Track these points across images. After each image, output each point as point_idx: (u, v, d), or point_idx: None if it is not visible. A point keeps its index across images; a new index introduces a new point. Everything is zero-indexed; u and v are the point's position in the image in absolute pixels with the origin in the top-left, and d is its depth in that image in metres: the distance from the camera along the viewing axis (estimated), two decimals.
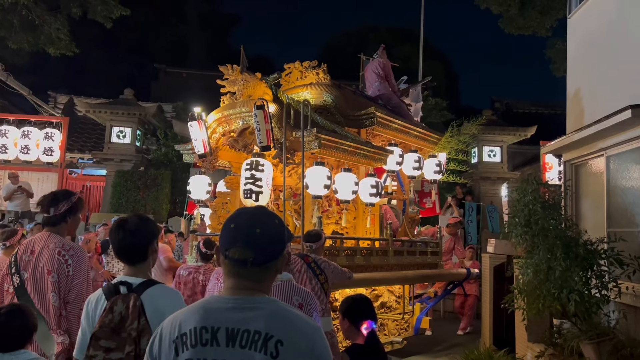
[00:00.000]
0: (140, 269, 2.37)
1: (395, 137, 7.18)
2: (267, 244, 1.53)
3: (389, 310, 6.88)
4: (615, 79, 5.98)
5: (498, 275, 7.05)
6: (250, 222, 1.56)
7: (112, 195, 12.93)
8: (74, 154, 15.29)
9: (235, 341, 1.44)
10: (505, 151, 14.23)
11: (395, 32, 26.08)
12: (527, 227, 5.04)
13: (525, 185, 5.26)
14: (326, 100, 6.68)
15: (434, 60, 21.92)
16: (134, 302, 2.21)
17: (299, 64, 7.09)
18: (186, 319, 1.51)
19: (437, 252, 7.59)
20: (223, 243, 1.56)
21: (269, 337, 1.43)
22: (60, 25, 14.97)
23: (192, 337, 1.47)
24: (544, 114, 19.01)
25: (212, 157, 6.47)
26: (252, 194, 5.66)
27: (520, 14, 15.14)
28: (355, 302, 3.28)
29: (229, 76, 6.27)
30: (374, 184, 6.22)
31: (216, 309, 1.50)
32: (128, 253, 2.37)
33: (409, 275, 6.77)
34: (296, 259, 4.61)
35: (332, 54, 25.90)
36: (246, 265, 1.50)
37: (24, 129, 11.97)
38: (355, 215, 6.70)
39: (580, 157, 6.51)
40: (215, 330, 1.46)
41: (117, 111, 13.72)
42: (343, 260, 5.77)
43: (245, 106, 5.99)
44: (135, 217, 2.44)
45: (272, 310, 1.50)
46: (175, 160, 14.50)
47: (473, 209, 11.96)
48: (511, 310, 5.35)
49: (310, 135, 5.59)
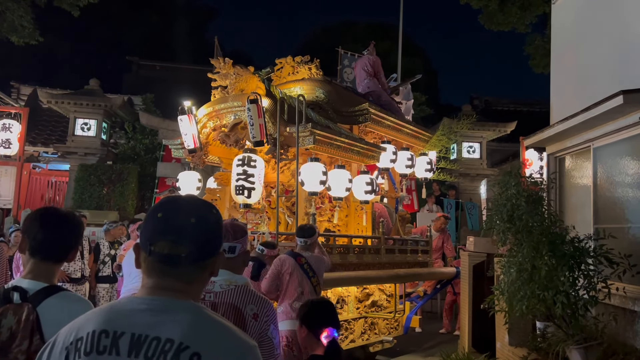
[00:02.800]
0: (49, 270, 1.90)
1: (387, 134, 7.17)
2: (204, 237, 1.27)
3: (380, 309, 6.83)
4: (604, 67, 5.66)
5: (478, 274, 6.76)
6: (184, 211, 1.27)
7: (74, 191, 12.29)
8: (38, 148, 14.59)
9: (140, 350, 1.15)
10: (484, 147, 13.99)
11: (375, 27, 25.72)
12: (509, 223, 4.70)
13: (508, 179, 4.91)
14: (318, 95, 6.66)
15: (413, 56, 21.65)
16: (27, 315, 1.72)
17: (291, 59, 7.03)
18: (87, 321, 1.22)
19: (427, 251, 7.63)
20: (147, 236, 1.26)
21: (183, 347, 1.14)
22: (24, 12, 14.25)
23: (88, 343, 1.18)
24: (522, 111, 18.87)
25: (202, 152, 6.35)
26: (244, 190, 5.51)
27: (500, 10, 14.93)
28: (315, 306, 2.83)
29: (220, 69, 6.10)
30: (368, 181, 6.17)
31: (125, 310, 1.22)
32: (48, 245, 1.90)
33: (400, 274, 6.75)
34: (287, 259, 4.44)
35: (310, 49, 25.47)
36: (177, 262, 1.23)
37: None
38: (347, 212, 6.64)
39: (565, 149, 6.19)
40: (117, 335, 1.17)
41: (81, 102, 13.08)
42: (336, 257, 5.74)
43: (238, 100, 5.84)
44: (61, 209, 2.02)
45: (197, 318, 1.20)
46: (143, 154, 13.91)
47: (452, 206, 11.67)
48: (492, 312, 4.98)
49: (305, 130, 5.49)
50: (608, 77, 5.46)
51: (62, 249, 1.95)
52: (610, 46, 5.59)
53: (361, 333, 6.43)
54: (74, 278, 7.14)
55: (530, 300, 4.36)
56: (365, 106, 6.59)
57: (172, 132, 13.59)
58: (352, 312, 6.30)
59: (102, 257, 7.80)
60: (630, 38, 5.18)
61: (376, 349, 6.76)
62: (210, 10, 32.30)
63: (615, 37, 5.52)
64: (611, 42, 5.59)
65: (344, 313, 6.14)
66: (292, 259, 4.48)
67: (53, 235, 1.91)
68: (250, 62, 21.97)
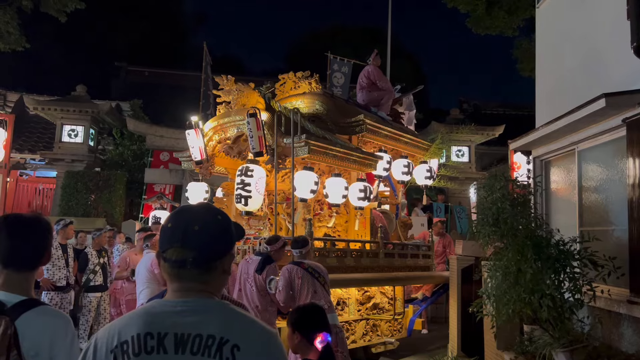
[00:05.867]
0: (25, 281, 1.84)
1: (385, 143, 7.46)
2: (207, 242, 1.38)
3: (382, 312, 7.07)
4: (587, 70, 5.69)
5: (466, 278, 6.77)
6: (188, 219, 1.41)
7: (61, 198, 12.18)
8: (25, 155, 14.47)
9: (186, 347, 1.29)
10: (473, 151, 14.04)
11: (364, 32, 25.85)
12: (495, 227, 4.70)
13: (494, 182, 4.92)
14: (318, 108, 6.99)
15: (402, 60, 21.75)
16: (5, 329, 1.65)
17: (293, 75, 7.41)
18: (127, 326, 1.34)
19: (429, 255, 7.88)
20: (160, 244, 1.42)
21: (224, 341, 1.29)
22: (10, 18, 14.14)
23: (135, 345, 1.29)
24: (511, 115, 18.99)
25: (208, 163, 6.84)
26: (241, 198, 5.87)
27: (487, 14, 15.02)
28: (307, 312, 2.86)
29: (224, 86, 6.63)
30: (362, 188, 6.44)
31: (162, 313, 1.34)
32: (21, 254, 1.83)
33: (398, 276, 7.02)
34: (292, 267, 4.83)
35: (300, 54, 25.56)
36: (185, 266, 1.36)
37: None
38: (347, 218, 6.97)
39: (550, 152, 6.22)
40: (162, 336, 1.30)
41: (68, 109, 13.01)
42: (333, 260, 6.05)
43: (239, 114, 6.29)
44: (30, 214, 1.93)
45: (227, 314, 1.37)
46: (131, 161, 13.84)
47: (441, 210, 11.68)
48: (480, 316, 4.97)
49: (300, 141, 5.84)
50: (591, 80, 5.49)
51: (35, 256, 1.89)
52: (592, 49, 5.62)
53: (362, 334, 6.68)
54: (59, 286, 7.04)
55: (517, 304, 4.35)
56: (361, 117, 6.89)
57: (159, 137, 13.55)
58: (353, 314, 6.57)
59: (91, 267, 7.69)
60: (610, 41, 5.21)
61: (378, 350, 6.99)
62: (199, 16, 32.40)
63: (595, 41, 5.56)
64: (592, 45, 5.63)
65: (345, 315, 6.42)
66: (297, 266, 4.83)
67: (24, 243, 1.85)
68: (240, 68, 21.83)
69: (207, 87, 12.85)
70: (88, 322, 7.50)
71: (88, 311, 7.55)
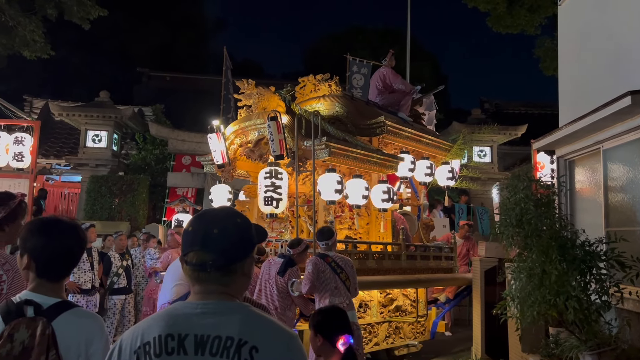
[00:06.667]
0: (58, 285, 1.88)
1: (406, 144, 7.46)
2: (226, 245, 1.41)
3: (404, 314, 7.07)
4: (611, 68, 5.58)
5: (489, 280, 6.70)
6: (208, 223, 1.44)
7: (86, 202, 12.39)
8: (50, 160, 14.74)
9: (205, 348, 1.32)
10: (495, 151, 13.88)
11: (383, 33, 25.73)
12: (518, 228, 4.64)
13: (517, 182, 4.85)
14: (338, 110, 7.02)
15: (422, 61, 21.60)
16: (43, 330, 1.70)
17: (312, 77, 7.46)
18: (149, 327, 1.38)
19: (451, 257, 7.85)
20: (183, 248, 1.46)
21: (243, 343, 1.32)
22: (35, 27, 14.43)
23: (157, 346, 1.34)
24: (534, 114, 18.72)
25: (230, 167, 6.93)
26: (272, 201, 5.94)
27: (508, 12, 14.85)
28: (329, 315, 2.87)
29: (244, 90, 6.70)
30: (385, 190, 6.44)
31: (183, 314, 1.38)
32: (60, 261, 1.88)
33: (420, 278, 7.00)
34: (317, 260, 4.89)
35: (319, 57, 25.58)
36: (206, 269, 1.39)
37: None
38: (368, 220, 6.96)
39: (575, 151, 6.11)
40: (182, 337, 1.34)
41: (92, 114, 13.23)
42: (355, 263, 5.92)
43: (260, 118, 6.36)
44: (67, 219, 1.96)
45: (245, 316, 1.38)
46: (154, 165, 14.01)
47: (463, 211, 11.56)
48: (504, 318, 4.91)
49: (320, 144, 5.91)
50: (615, 78, 5.38)
51: (69, 267, 1.95)
52: (616, 47, 5.51)
53: (385, 337, 6.69)
54: (85, 289, 7.16)
55: (542, 306, 4.29)
56: (381, 119, 6.89)
57: (181, 141, 13.71)
58: (376, 317, 6.57)
59: (115, 269, 7.81)
60: (636, 39, 5.11)
61: (401, 352, 6.98)
62: (219, 21, 32.66)
63: (620, 38, 5.45)
64: (616, 43, 5.52)
65: (367, 317, 6.43)
66: (321, 260, 4.90)
67: (61, 257, 1.88)
68: (260, 71, 22.04)
69: (228, 91, 12.94)
70: (113, 324, 7.62)
71: (113, 313, 7.67)
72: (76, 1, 14.21)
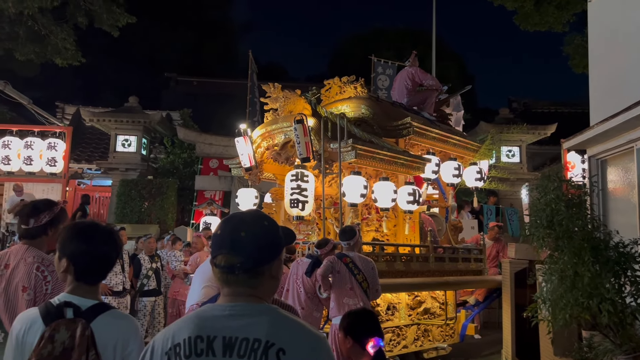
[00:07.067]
0: (95, 288, 1.95)
1: (433, 145, 7.40)
2: (254, 248, 1.43)
3: (433, 317, 7.04)
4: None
5: (519, 282, 6.59)
6: (236, 226, 1.47)
7: (116, 205, 12.64)
8: (82, 165, 15.10)
9: (233, 350, 1.35)
10: (524, 151, 13.64)
11: (407, 34, 25.58)
12: (549, 229, 4.54)
13: (547, 183, 4.75)
14: (364, 112, 7.02)
15: (447, 61, 21.39)
16: (82, 331, 1.76)
17: (338, 80, 7.47)
18: (180, 329, 1.42)
19: (480, 259, 7.78)
20: (212, 251, 1.49)
21: (270, 345, 1.34)
22: (67, 35, 14.80)
23: (186, 347, 1.37)
24: (564, 112, 18.37)
25: (257, 170, 7.02)
26: (298, 203, 6.02)
27: (535, 10, 14.60)
28: (359, 317, 2.87)
29: (271, 94, 6.82)
30: (411, 192, 6.48)
31: (212, 317, 1.41)
32: (98, 265, 1.95)
33: (449, 281, 6.95)
34: (335, 260, 4.92)
35: (343, 58, 25.59)
36: (234, 271, 1.42)
37: (27, 139, 11.77)
38: (395, 222, 6.94)
39: (607, 151, 5.96)
40: (211, 339, 1.37)
41: (121, 119, 13.50)
42: (383, 265, 6.04)
43: (287, 121, 6.46)
44: (105, 225, 2.04)
45: (273, 318, 1.41)
46: (182, 168, 14.21)
47: (492, 212, 11.40)
48: (535, 321, 4.82)
49: (346, 146, 5.94)
50: None
51: (105, 270, 2.02)
52: None
53: (414, 339, 6.66)
54: (116, 291, 7.29)
55: (574, 309, 4.20)
56: (408, 120, 6.86)
57: (208, 145, 13.86)
58: (404, 319, 6.56)
59: (144, 272, 7.95)
60: None
61: (430, 355, 6.94)
62: (244, 25, 32.98)
63: None
64: None
65: (395, 319, 6.42)
66: (339, 260, 4.93)
67: (98, 262, 1.96)
68: (284, 74, 22.11)
69: (253, 94, 13.05)
70: (143, 326, 7.74)
71: (143, 315, 7.79)
72: (106, 9, 14.53)
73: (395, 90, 8.32)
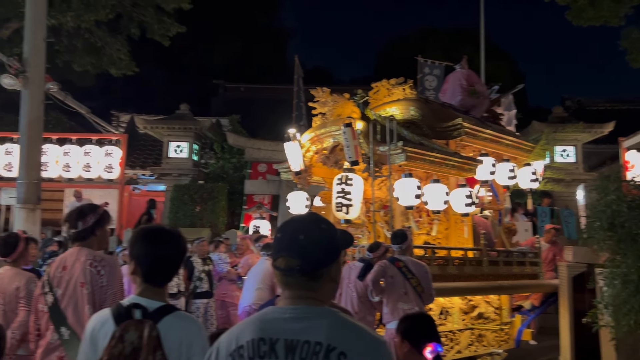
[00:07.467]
0: (162, 290, 2.03)
1: (486, 146, 7.26)
2: (312, 250, 1.45)
3: (488, 321, 6.90)
4: None
5: (578, 286, 6.38)
6: (294, 229, 1.49)
7: (170, 210, 13.01)
8: (136, 171, 15.63)
9: (295, 353, 1.37)
10: (579, 150, 13.17)
11: (455, 33, 25.17)
12: (610, 231, 4.37)
13: (606, 183, 4.58)
14: (413, 114, 6.93)
15: (497, 60, 20.91)
16: (150, 332, 1.84)
17: (386, 82, 7.42)
18: (243, 331, 1.45)
19: (536, 263, 7.57)
20: (272, 254, 1.53)
21: (331, 348, 1.35)
22: (120, 46, 15.40)
23: (250, 349, 1.41)
24: (621, 110, 17.62)
25: (306, 173, 7.05)
26: (342, 207, 6.01)
27: (589, 4, 14.09)
28: (417, 321, 2.84)
29: (319, 98, 6.88)
30: (468, 194, 6.36)
31: (273, 319, 1.44)
32: (163, 267, 2.02)
33: (503, 285, 6.80)
34: (387, 264, 4.91)
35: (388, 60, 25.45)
36: (293, 274, 1.44)
37: (85, 147, 12.26)
38: (447, 225, 6.85)
39: None
40: (273, 341, 1.39)
41: (174, 126, 13.91)
42: (435, 269, 5.91)
43: (335, 125, 6.46)
44: (169, 228, 2.12)
45: (334, 321, 1.42)
46: (232, 173, 14.49)
47: (546, 214, 11.04)
48: (596, 327, 4.65)
49: (396, 148, 5.91)
50: None
51: (171, 269, 2.08)
52: None
53: (468, 345, 6.53)
54: (172, 293, 7.49)
55: (639, 314, 4.03)
56: (459, 121, 6.73)
57: (257, 150, 14.08)
58: (458, 324, 6.44)
59: (197, 274, 8.13)
60: None
61: None
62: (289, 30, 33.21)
63: None
64: None
65: (448, 324, 6.32)
66: (391, 264, 4.90)
67: (162, 260, 2.01)
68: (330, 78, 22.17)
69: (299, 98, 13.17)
70: None
71: (196, 317, 7.98)
72: (157, 20, 15.01)
73: (447, 91, 8.18)
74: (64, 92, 10.35)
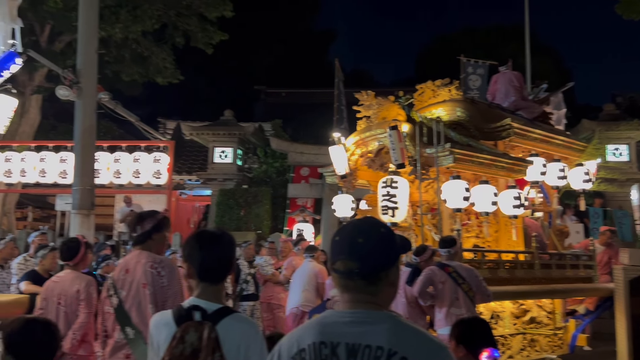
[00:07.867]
0: (219, 291, 2.09)
1: (535, 147, 7.16)
2: (371, 253, 1.45)
3: (540, 326, 6.80)
4: None
5: (635, 290, 6.14)
6: (353, 232, 1.50)
7: (216, 214, 13.26)
8: (183, 176, 15.99)
9: (356, 357, 1.37)
10: (633, 149, 12.67)
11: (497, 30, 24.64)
12: None
13: None
14: (459, 115, 6.92)
15: (542, 57, 20.38)
16: (209, 333, 1.90)
17: (431, 83, 7.42)
18: (304, 335, 1.47)
19: (590, 266, 7.41)
20: (330, 257, 1.54)
21: (393, 353, 1.35)
22: (166, 55, 15.80)
23: (311, 353, 1.42)
24: None
25: (352, 177, 7.06)
26: (388, 209, 5.99)
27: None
28: (473, 325, 2.82)
29: (364, 101, 6.87)
30: (516, 196, 6.29)
31: (333, 323, 1.45)
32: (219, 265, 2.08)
33: (556, 288, 6.70)
34: (436, 270, 4.88)
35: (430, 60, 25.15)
36: (352, 277, 1.44)
37: (134, 154, 12.60)
38: (497, 228, 6.78)
39: None
40: (334, 345, 1.40)
41: (218, 132, 14.19)
42: (485, 272, 5.88)
43: (380, 128, 6.45)
44: (222, 230, 2.19)
45: (394, 325, 1.41)
46: (275, 177, 14.63)
47: (599, 215, 10.65)
48: None
49: (443, 150, 5.88)
50: None
51: (226, 270, 2.14)
52: None
53: (520, 349, 6.44)
54: None
55: None
56: (508, 121, 6.67)
57: (299, 154, 14.18)
58: (509, 328, 6.36)
59: (243, 277, 8.24)
60: None
61: None
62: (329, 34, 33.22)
63: None
64: None
65: (499, 328, 6.24)
66: (441, 269, 4.87)
67: (217, 261, 2.07)
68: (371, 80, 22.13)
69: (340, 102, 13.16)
70: None
71: None
72: (201, 28, 15.35)
73: (497, 92, 8.04)
74: (114, 101, 10.69)
